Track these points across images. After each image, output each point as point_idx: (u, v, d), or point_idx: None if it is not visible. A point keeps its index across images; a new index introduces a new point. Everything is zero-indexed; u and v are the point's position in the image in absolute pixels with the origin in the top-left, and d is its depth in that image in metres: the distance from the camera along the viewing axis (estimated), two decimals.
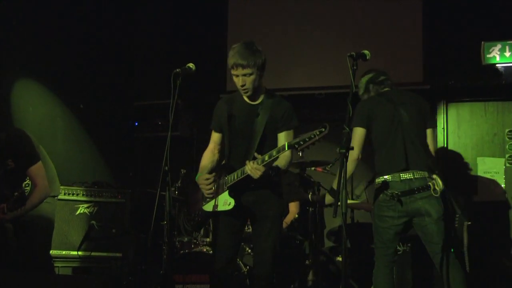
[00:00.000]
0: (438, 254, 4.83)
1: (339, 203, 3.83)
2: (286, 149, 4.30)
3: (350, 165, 4.84)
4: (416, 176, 4.83)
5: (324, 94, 8.15)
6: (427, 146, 5.08)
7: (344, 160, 3.93)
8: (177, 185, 6.77)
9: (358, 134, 4.99)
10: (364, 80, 5.28)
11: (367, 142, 5.03)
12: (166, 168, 4.22)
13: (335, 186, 4.71)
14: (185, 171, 6.91)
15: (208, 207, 4.75)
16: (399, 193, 4.78)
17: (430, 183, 4.82)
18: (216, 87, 8.47)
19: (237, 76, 4.69)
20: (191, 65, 4.57)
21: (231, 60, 4.65)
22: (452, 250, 5.33)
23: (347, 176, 4.74)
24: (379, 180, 4.92)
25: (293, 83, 8.20)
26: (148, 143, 8.49)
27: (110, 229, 6.83)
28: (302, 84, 8.22)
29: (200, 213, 4.85)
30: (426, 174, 4.86)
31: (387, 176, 4.87)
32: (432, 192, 4.80)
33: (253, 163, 4.36)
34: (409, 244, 5.76)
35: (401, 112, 4.99)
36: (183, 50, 8.61)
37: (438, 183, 4.82)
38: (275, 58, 8.25)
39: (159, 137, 8.00)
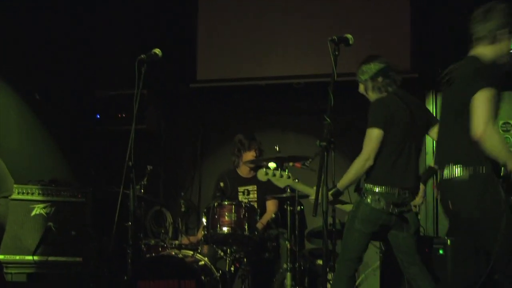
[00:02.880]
0: (414, 265, 4.96)
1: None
2: None
3: (360, 170, 4.90)
4: (410, 193, 4.98)
5: (302, 83, 8.12)
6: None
7: (325, 154, 3.89)
8: (142, 182, 6.71)
9: (376, 136, 4.88)
10: (374, 67, 5.12)
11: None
12: (130, 163, 4.18)
13: (340, 186, 4.81)
14: (151, 167, 6.84)
15: None
16: (395, 207, 4.88)
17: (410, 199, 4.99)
18: (186, 76, 8.41)
19: None
20: (157, 51, 4.53)
21: None
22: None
23: (355, 181, 4.89)
24: (374, 188, 4.91)
25: (269, 72, 8.16)
26: (111, 137, 8.39)
27: (69, 232, 6.77)
28: (279, 72, 8.18)
29: None
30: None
31: (385, 187, 4.89)
32: (412, 207, 4.98)
33: None
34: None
35: (417, 122, 5.02)
36: (150, 36, 8.51)
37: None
38: (250, 45, 8.25)
39: (123, 131, 7.88)
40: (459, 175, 4.17)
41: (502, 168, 4.06)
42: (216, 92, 8.46)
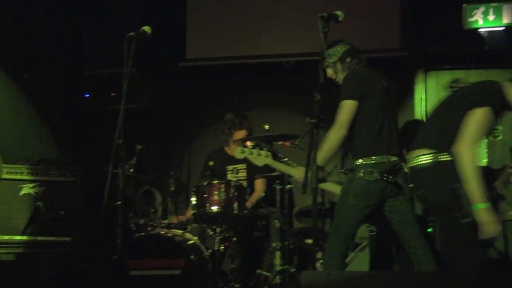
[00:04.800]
0: (416, 239, 4.96)
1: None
2: None
3: (335, 141, 4.89)
4: (399, 159, 4.99)
5: (293, 62, 8.11)
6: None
7: (315, 131, 3.91)
8: (132, 162, 6.71)
9: (351, 108, 4.93)
10: (341, 49, 5.19)
11: None
12: (119, 141, 4.17)
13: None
14: (141, 146, 6.85)
15: None
16: (389, 174, 4.89)
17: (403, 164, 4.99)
18: (176, 55, 8.39)
19: None
20: (146, 28, 4.51)
21: None
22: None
23: (331, 152, 4.84)
24: (364, 161, 4.94)
25: (259, 50, 8.15)
26: (100, 117, 8.36)
27: (58, 211, 6.77)
28: (269, 51, 8.17)
29: None
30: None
31: (375, 157, 4.92)
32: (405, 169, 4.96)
33: None
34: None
35: (390, 93, 5.10)
36: (139, 14, 8.47)
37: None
38: (239, 24, 8.23)
39: (113, 110, 7.86)
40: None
41: None
42: (206, 71, 8.44)
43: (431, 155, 4.50)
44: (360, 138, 5.01)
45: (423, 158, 4.54)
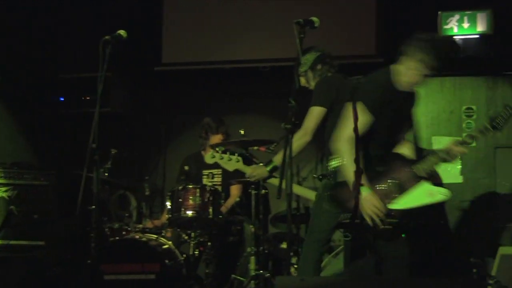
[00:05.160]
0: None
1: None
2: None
3: (299, 146, 4.91)
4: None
5: (269, 68, 8.13)
6: None
7: (290, 136, 3.93)
8: (107, 166, 6.70)
9: (317, 113, 5.01)
10: (310, 57, 5.28)
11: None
12: (94, 145, 4.15)
13: (276, 162, 4.80)
14: (116, 150, 6.83)
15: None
16: None
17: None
18: (151, 59, 8.38)
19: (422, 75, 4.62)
20: (122, 32, 4.50)
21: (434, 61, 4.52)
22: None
23: (293, 153, 4.84)
24: (337, 163, 4.96)
25: (235, 56, 8.16)
26: (75, 120, 8.35)
27: (32, 215, 6.73)
28: (245, 56, 8.18)
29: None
30: None
31: None
32: None
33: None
34: None
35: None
36: (115, 18, 8.44)
37: None
38: (215, 29, 8.24)
39: (88, 114, 7.85)
40: None
41: None
42: (182, 75, 8.44)
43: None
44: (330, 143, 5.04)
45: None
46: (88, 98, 8.24)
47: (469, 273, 5.63)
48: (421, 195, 4.67)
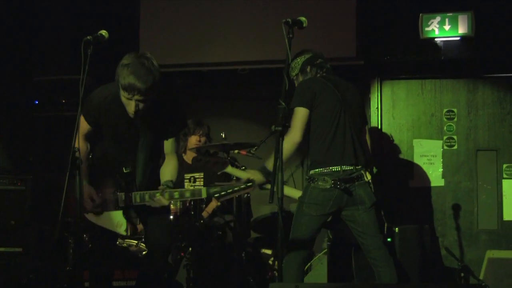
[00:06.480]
0: (376, 249, 4.98)
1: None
2: (204, 196, 4.51)
3: (289, 149, 4.88)
4: (357, 168, 5.02)
5: (247, 70, 8.10)
6: (366, 142, 5.30)
7: (280, 139, 3.91)
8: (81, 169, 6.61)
9: (302, 115, 4.99)
10: (300, 60, 5.27)
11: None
12: (76, 150, 4.08)
13: (269, 167, 4.76)
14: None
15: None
16: (342, 182, 4.90)
17: (363, 172, 5.04)
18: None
19: (129, 99, 4.49)
20: (103, 32, 4.39)
21: (125, 80, 4.44)
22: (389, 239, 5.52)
23: (284, 160, 4.81)
24: (318, 170, 4.97)
25: (213, 58, 8.10)
26: (50, 124, 8.26)
27: (8, 221, 6.65)
28: (223, 59, 8.13)
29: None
30: (363, 169, 5.08)
31: (328, 166, 4.96)
32: (365, 179, 5.04)
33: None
34: None
35: (347, 101, 5.11)
36: (90, 21, 8.34)
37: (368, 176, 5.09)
38: (192, 30, 8.17)
39: (63, 117, 7.80)
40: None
41: None
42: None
43: None
44: (313, 148, 5.05)
45: None
46: (63, 101, 8.14)
47: (456, 277, 5.66)
48: (112, 220, 4.70)
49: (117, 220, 4.64)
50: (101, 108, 4.70)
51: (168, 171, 4.78)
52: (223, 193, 4.38)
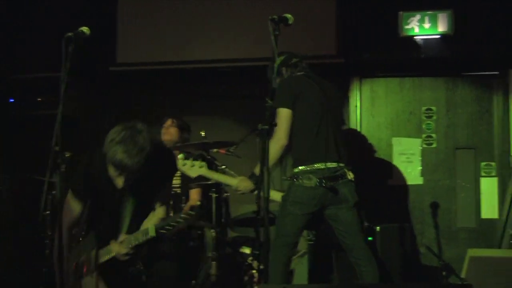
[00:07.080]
0: (359, 249, 4.96)
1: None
2: (153, 234, 4.51)
3: (276, 152, 4.87)
4: (340, 165, 5.03)
5: (229, 68, 8.06)
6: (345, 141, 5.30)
7: (267, 138, 3.89)
8: (61, 170, 6.55)
9: (285, 116, 4.98)
10: (277, 62, 5.24)
11: None
12: (57, 148, 4.04)
13: (257, 172, 4.74)
14: (70, 154, 6.68)
15: None
16: (327, 180, 4.88)
17: (346, 171, 5.04)
18: (105, 58, 8.23)
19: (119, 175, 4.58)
20: (85, 29, 4.32)
21: (117, 157, 4.52)
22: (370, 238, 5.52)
23: (270, 163, 4.78)
24: (302, 168, 4.95)
25: (193, 56, 8.06)
26: (26, 123, 8.17)
27: None
28: (203, 57, 8.08)
29: None
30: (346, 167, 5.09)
31: (312, 164, 4.93)
32: (348, 177, 5.04)
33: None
34: None
35: (329, 99, 5.10)
36: (68, 17, 8.26)
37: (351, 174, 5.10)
38: (173, 28, 8.12)
39: (40, 116, 7.72)
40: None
41: None
42: (139, 76, 8.31)
43: None
44: (296, 146, 5.03)
45: None
46: (40, 99, 8.06)
47: (437, 276, 5.66)
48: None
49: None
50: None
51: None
52: (167, 227, 4.43)
